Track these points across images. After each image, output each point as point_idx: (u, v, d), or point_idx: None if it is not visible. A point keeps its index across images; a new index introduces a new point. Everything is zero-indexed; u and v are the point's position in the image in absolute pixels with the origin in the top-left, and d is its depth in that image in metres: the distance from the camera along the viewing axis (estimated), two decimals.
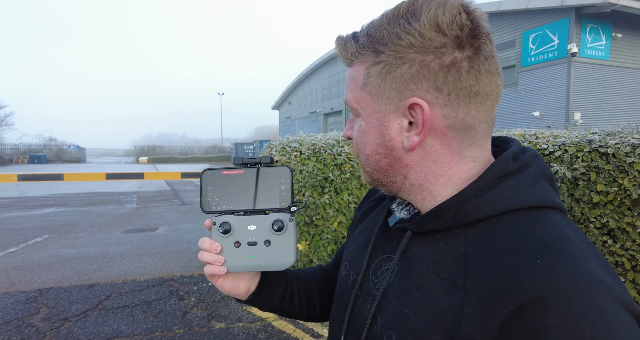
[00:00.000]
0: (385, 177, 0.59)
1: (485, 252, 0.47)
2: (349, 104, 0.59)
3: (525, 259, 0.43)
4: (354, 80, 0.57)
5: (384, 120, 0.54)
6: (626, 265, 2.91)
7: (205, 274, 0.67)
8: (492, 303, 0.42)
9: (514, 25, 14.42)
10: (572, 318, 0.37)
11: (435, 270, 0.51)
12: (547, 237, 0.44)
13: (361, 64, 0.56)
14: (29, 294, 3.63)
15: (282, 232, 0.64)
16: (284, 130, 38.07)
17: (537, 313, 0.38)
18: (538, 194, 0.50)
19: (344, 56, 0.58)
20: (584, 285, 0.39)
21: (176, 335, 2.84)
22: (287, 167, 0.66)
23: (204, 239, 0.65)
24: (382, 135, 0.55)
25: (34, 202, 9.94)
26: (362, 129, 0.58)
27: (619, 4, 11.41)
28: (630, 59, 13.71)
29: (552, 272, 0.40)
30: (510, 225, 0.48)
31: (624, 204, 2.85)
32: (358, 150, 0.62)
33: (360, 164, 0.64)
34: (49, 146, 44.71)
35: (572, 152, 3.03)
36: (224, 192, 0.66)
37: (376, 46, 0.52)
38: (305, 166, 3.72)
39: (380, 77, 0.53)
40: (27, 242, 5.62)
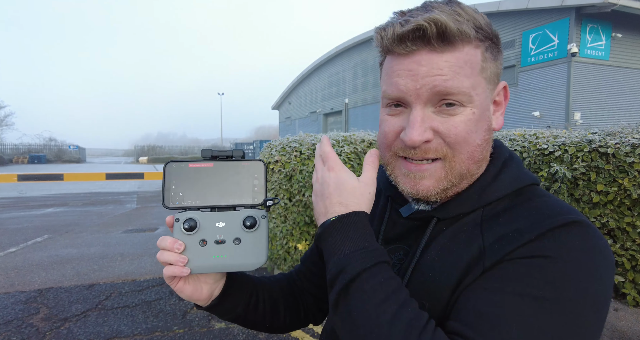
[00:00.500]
0: (478, 167, 0.59)
1: (499, 214, 0.56)
2: (462, 91, 0.52)
3: (535, 210, 0.53)
4: (470, 64, 0.52)
5: (489, 105, 0.57)
6: (626, 265, 2.91)
7: (165, 276, 0.60)
8: (512, 236, 0.51)
9: (514, 25, 14.42)
10: (591, 232, 0.50)
11: (453, 241, 0.57)
12: (553, 204, 0.54)
13: (476, 48, 0.53)
14: (29, 294, 3.63)
15: (253, 230, 0.60)
16: (284, 130, 38.07)
17: (553, 231, 0.49)
18: (529, 175, 0.61)
19: (456, 35, 0.51)
20: (583, 215, 0.53)
21: (176, 335, 2.84)
22: (261, 161, 0.63)
23: (165, 238, 0.59)
24: (488, 119, 0.57)
25: (34, 202, 9.94)
26: (473, 118, 0.54)
27: (619, 4, 11.41)
28: (630, 59, 13.70)
29: (569, 209, 0.52)
30: (520, 199, 0.57)
31: (624, 204, 2.85)
32: (460, 144, 0.54)
33: (449, 161, 0.55)
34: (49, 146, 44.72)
35: (572, 152, 3.03)
36: (189, 186, 0.61)
37: (482, 33, 0.54)
38: (305, 166, 3.71)
39: (493, 61, 0.56)
40: (27, 242, 5.62)
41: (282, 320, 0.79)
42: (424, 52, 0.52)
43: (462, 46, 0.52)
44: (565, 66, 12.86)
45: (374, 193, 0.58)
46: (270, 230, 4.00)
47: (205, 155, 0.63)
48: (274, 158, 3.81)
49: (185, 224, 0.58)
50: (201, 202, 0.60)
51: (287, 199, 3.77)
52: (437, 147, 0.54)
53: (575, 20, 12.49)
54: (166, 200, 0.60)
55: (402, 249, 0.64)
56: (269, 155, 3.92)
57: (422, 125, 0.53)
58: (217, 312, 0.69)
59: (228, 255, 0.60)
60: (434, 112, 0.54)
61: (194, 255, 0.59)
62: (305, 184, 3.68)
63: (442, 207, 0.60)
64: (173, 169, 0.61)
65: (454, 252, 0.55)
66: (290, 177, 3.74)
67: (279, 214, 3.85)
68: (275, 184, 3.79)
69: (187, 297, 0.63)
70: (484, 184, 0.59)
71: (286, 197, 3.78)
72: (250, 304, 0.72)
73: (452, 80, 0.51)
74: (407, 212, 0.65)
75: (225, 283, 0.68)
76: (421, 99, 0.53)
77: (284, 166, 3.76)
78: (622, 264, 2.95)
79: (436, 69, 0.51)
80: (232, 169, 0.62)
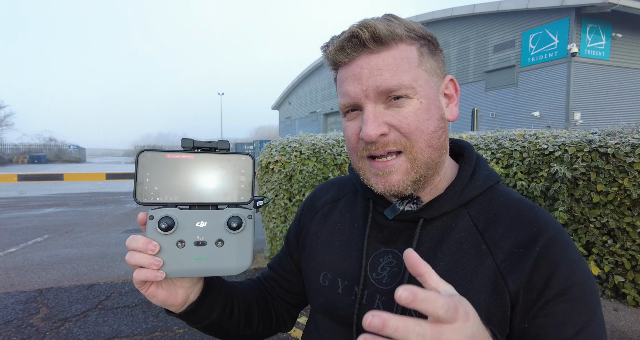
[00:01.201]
0: (440, 155, 0.61)
1: (491, 219, 0.60)
2: (404, 85, 0.55)
3: (526, 215, 0.59)
4: (407, 60, 0.56)
5: (436, 95, 0.60)
6: (626, 265, 2.90)
7: (135, 281, 0.54)
8: (521, 253, 0.56)
9: (514, 25, 14.41)
10: (569, 245, 0.57)
11: (455, 245, 0.59)
12: (521, 199, 0.63)
13: (409, 45, 0.57)
14: (29, 294, 3.63)
15: (239, 231, 0.55)
16: (284, 130, 38.06)
17: (552, 246, 0.55)
18: (495, 173, 0.67)
19: (387, 35, 0.55)
20: (557, 221, 0.60)
21: (176, 335, 2.84)
22: (249, 155, 0.57)
23: (136, 237, 0.53)
24: (439, 109, 0.60)
25: (34, 202, 9.93)
26: (422, 107, 0.57)
27: (619, 4, 11.40)
28: (630, 59, 13.70)
29: (546, 219, 0.59)
30: (495, 196, 0.64)
31: (624, 204, 2.85)
32: (414, 133, 0.57)
33: (410, 152, 0.57)
34: (48, 146, 44.69)
35: (572, 152, 3.03)
36: (166, 179, 0.54)
37: (415, 33, 0.59)
38: (305, 166, 3.71)
39: (431, 56, 0.60)
40: (27, 242, 5.62)
41: (255, 329, 0.76)
42: (364, 56, 0.56)
43: (395, 45, 0.56)
44: (565, 66, 12.86)
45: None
46: (270, 230, 3.99)
47: (186, 146, 0.56)
48: (274, 158, 3.81)
49: (161, 223, 0.52)
50: (179, 198, 0.54)
51: (287, 199, 3.77)
52: (394, 139, 0.57)
53: (575, 20, 12.49)
54: (139, 194, 0.53)
55: (391, 253, 0.63)
56: (269, 155, 3.92)
57: (376, 121, 0.56)
58: (190, 319, 0.64)
59: (209, 259, 0.54)
60: (385, 108, 0.57)
61: (170, 257, 0.53)
62: (305, 184, 3.68)
63: (428, 207, 0.62)
64: (147, 160, 0.54)
65: (466, 267, 0.58)
66: (290, 177, 3.74)
67: (279, 214, 3.85)
68: (275, 184, 3.79)
69: (160, 302, 0.58)
70: (463, 183, 0.63)
71: (286, 197, 3.77)
72: (225, 310, 0.68)
73: (392, 78, 0.55)
74: (392, 213, 0.64)
75: (202, 287, 0.64)
76: (370, 99, 0.57)
77: (284, 166, 3.76)
78: (622, 264, 2.95)
79: (376, 69, 0.55)
80: (215, 163, 0.56)
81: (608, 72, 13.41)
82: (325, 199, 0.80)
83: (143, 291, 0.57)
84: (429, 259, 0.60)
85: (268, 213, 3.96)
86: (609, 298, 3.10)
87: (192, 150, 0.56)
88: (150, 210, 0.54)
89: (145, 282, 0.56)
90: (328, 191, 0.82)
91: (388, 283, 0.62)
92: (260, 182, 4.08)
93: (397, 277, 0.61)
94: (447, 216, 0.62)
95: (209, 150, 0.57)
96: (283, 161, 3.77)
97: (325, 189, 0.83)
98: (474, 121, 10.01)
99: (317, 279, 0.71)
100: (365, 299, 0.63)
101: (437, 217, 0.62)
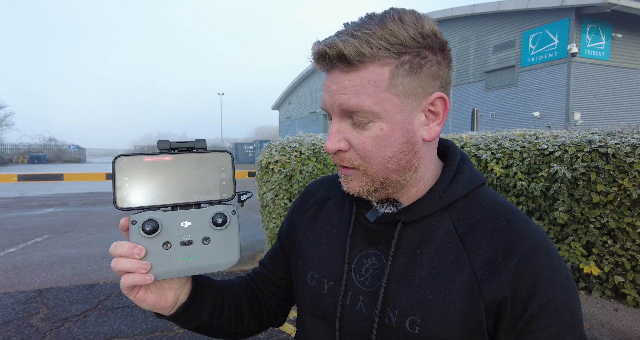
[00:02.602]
0: (399, 176, 0.60)
1: (472, 224, 0.60)
2: (364, 109, 0.54)
3: (506, 222, 0.58)
4: (373, 83, 0.53)
5: (408, 118, 0.57)
6: (626, 265, 2.90)
7: (123, 286, 0.54)
8: (497, 261, 0.55)
9: (514, 25, 14.41)
10: (550, 253, 0.56)
11: (435, 250, 0.59)
12: (503, 203, 0.62)
13: (381, 66, 0.53)
14: (29, 294, 3.63)
15: (224, 227, 0.55)
16: (284, 130, 38.06)
17: (532, 256, 0.54)
18: (480, 175, 0.66)
19: (354, 57, 0.52)
20: (538, 227, 0.59)
21: (176, 335, 2.84)
22: (227, 152, 0.57)
23: (120, 243, 0.52)
24: (407, 132, 0.57)
25: (34, 202, 9.93)
26: (381, 134, 0.56)
27: (619, 4, 11.40)
28: (630, 59, 13.70)
29: (526, 227, 0.58)
30: (478, 199, 0.63)
31: (624, 204, 2.85)
32: (369, 157, 0.57)
33: (364, 171, 0.59)
34: (48, 146, 44.68)
35: (572, 152, 3.03)
36: (146, 183, 0.54)
37: (399, 48, 0.53)
38: (305, 166, 3.72)
39: (409, 77, 0.55)
40: (27, 242, 5.62)
41: (246, 325, 0.76)
42: (337, 71, 0.55)
43: (364, 66, 0.53)
44: (565, 66, 12.86)
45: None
46: (270, 230, 3.99)
47: (163, 148, 0.56)
48: (274, 158, 3.81)
49: (145, 226, 0.52)
50: (161, 200, 0.54)
51: (287, 199, 3.77)
52: (350, 158, 0.58)
53: (575, 20, 12.49)
54: (119, 200, 0.52)
55: (375, 254, 0.64)
56: (269, 155, 3.92)
57: (337, 136, 0.57)
58: (181, 320, 0.64)
59: (197, 257, 0.55)
60: (350, 125, 0.57)
61: (157, 260, 0.53)
62: (305, 184, 3.68)
63: (407, 210, 0.62)
64: (124, 164, 0.53)
65: (444, 273, 0.57)
66: (290, 177, 3.74)
67: (278, 214, 3.85)
68: (275, 184, 3.79)
69: (150, 306, 0.58)
70: (443, 186, 0.62)
71: (286, 197, 3.77)
72: (216, 309, 0.69)
73: (353, 99, 0.54)
74: (373, 216, 0.65)
75: (191, 287, 0.64)
76: (335, 113, 0.58)
77: (284, 166, 3.76)
78: (622, 264, 2.95)
79: (341, 88, 0.55)
80: (194, 162, 0.56)
81: (608, 72, 13.41)
82: (314, 199, 0.80)
83: (132, 297, 0.56)
84: (409, 262, 0.60)
85: (268, 213, 3.96)
86: (609, 298, 3.10)
87: (169, 151, 0.56)
88: (132, 215, 0.53)
89: (133, 287, 0.55)
90: (318, 190, 0.82)
91: (370, 285, 0.62)
92: (260, 182, 4.08)
93: (378, 280, 0.62)
94: (427, 219, 0.62)
95: (187, 150, 0.57)
96: (283, 161, 3.77)
97: (316, 188, 0.84)
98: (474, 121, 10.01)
99: (304, 278, 0.72)
100: (349, 300, 0.64)
101: (417, 220, 0.62)
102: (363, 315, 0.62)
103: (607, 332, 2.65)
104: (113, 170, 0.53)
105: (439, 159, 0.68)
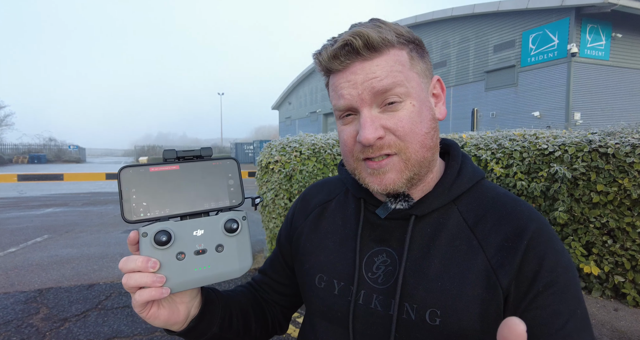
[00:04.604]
0: (432, 154, 0.62)
1: (480, 214, 0.62)
2: (398, 85, 0.57)
3: (512, 209, 0.61)
4: (400, 62, 0.59)
5: (427, 96, 0.62)
6: (626, 265, 2.90)
7: (136, 304, 0.52)
8: (510, 247, 0.57)
9: (514, 25, 14.41)
10: (554, 236, 0.59)
11: (447, 242, 0.61)
12: (505, 193, 0.65)
13: (400, 49, 0.59)
14: (28, 294, 3.62)
15: (236, 233, 0.55)
16: (284, 130, 38.05)
17: (538, 238, 0.57)
18: (480, 170, 0.69)
19: (380, 42, 0.57)
20: (538, 213, 0.62)
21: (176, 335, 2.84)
22: (233, 159, 0.58)
23: (131, 257, 0.50)
24: (431, 110, 0.62)
25: (34, 202, 9.93)
26: (414, 110, 0.59)
27: (619, 4, 11.40)
28: (630, 59, 13.70)
29: (530, 212, 0.61)
30: (481, 191, 0.66)
31: (624, 204, 2.85)
32: (409, 136, 0.58)
33: (404, 153, 0.59)
34: (48, 146, 44.67)
35: (572, 152, 3.03)
36: (154, 193, 0.52)
37: (406, 37, 0.61)
38: (305, 166, 3.71)
39: (420, 59, 0.62)
40: (27, 242, 5.62)
41: (253, 334, 0.76)
42: (357, 63, 0.58)
43: (387, 50, 0.58)
44: (565, 66, 12.86)
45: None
46: (270, 230, 3.99)
47: (169, 157, 0.55)
48: (274, 158, 3.81)
49: (159, 237, 0.50)
50: (170, 210, 0.53)
51: (287, 199, 3.77)
52: (390, 142, 0.58)
53: (575, 20, 12.48)
54: (126, 213, 0.51)
55: (385, 251, 0.64)
56: (269, 155, 3.92)
57: (373, 124, 0.58)
58: (192, 334, 0.62)
59: (212, 265, 0.53)
60: (380, 112, 0.59)
61: (172, 271, 0.51)
62: (305, 184, 3.68)
63: (418, 204, 0.63)
64: (131, 176, 0.52)
65: (459, 263, 0.59)
66: (290, 177, 3.74)
67: (278, 214, 3.85)
68: (275, 184, 3.79)
69: (163, 323, 0.56)
70: (450, 180, 0.65)
71: (286, 197, 3.77)
72: (225, 320, 0.68)
73: (386, 78, 0.57)
74: (384, 212, 0.65)
75: (201, 300, 0.63)
76: (365, 103, 0.58)
77: (284, 166, 3.76)
78: (622, 264, 2.95)
79: (370, 73, 0.57)
80: (202, 170, 0.55)
81: (608, 72, 13.41)
82: (316, 201, 0.80)
83: (144, 315, 0.54)
84: (423, 256, 0.60)
85: (268, 213, 3.96)
86: (609, 298, 3.10)
87: (175, 160, 0.55)
88: (141, 228, 0.51)
89: (147, 303, 0.53)
90: (319, 193, 0.82)
91: (384, 282, 0.62)
92: (260, 182, 4.08)
93: (392, 276, 0.62)
94: (437, 213, 0.64)
95: (192, 159, 0.56)
96: (283, 161, 3.77)
97: (316, 190, 0.83)
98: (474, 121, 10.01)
99: (312, 281, 0.71)
100: (362, 299, 0.64)
101: (428, 214, 0.64)
102: (378, 313, 0.61)
103: (607, 332, 2.65)
104: (119, 182, 0.51)
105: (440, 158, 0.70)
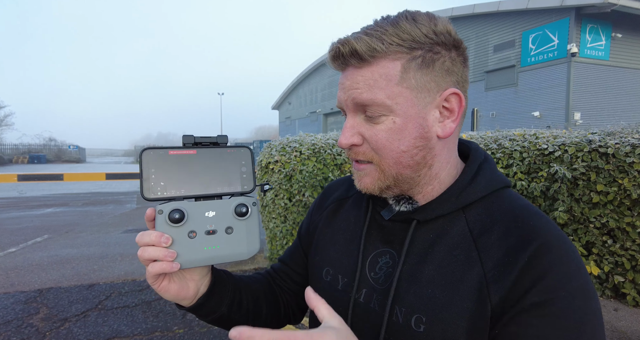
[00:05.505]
0: (413, 172, 0.60)
1: (487, 225, 0.58)
2: (376, 103, 0.56)
3: (523, 222, 0.56)
4: (385, 77, 0.55)
5: (422, 113, 0.57)
6: (626, 265, 2.90)
7: (149, 276, 0.56)
8: (508, 262, 0.53)
9: (514, 25, 14.41)
10: (565, 257, 0.52)
11: (446, 250, 0.58)
12: (525, 206, 0.59)
13: (392, 61, 0.55)
14: (28, 294, 3.62)
15: (246, 217, 0.58)
16: (284, 130, 38.06)
17: (544, 256, 0.52)
18: (503, 177, 0.64)
19: (365, 52, 0.54)
20: (562, 233, 0.55)
21: (176, 335, 2.84)
22: (247, 147, 0.61)
23: (147, 232, 0.54)
24: (420, 127, 0.57)
25: (34, 202, 9.93)
26: (395, 126, 0.57)
27: (619, 4, 11.41)
28: (630, 59, 13.70)
29: (543, 226, 0.55)
30: (497, 202, 0.61)
31: (623, 204, 2.85)
32: (382, 150, 0.58)
33: (377, 165, 0.59)
34: (48, 146, 44.66)
35: (572, 152, 3.03)
36: (171, 175, 0.56)
37: (411, 43, 0.55)
38: (305, 166, 3.71)
39: (421, 71, 0.56)
40: (27, 242, 5.62)
41: (264, 320, 0.77)
42: (350, 68, 0.58)
43: (375, 61, 0.55)
44: (565, 66, 12.86)
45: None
46: (270, 230, 3.99)
47: (187, 142, 0.59)
48: (274, 158, 3.81)
49: (173, 215, 0.54)
50: (186, 191, 0.57)
51: (287, 199, 3.77)
52: (364, 151, 0.60)
53: (575, 20, 12.49)
54: (145, 191, 0.55)
55: (389, 253, 0.64)
56: (269, 155, 3.92)
57: (350, 131, 0.59)
58: (201, 312, 0.66)
59: (221, 246, 0.57)
60: (364, 119, 0.59)
61: (183, 248, 0.55)
62: (305, 184, 3.68)
63: (422, 209, 0.62)
64: (151, 157, 0.56)
65: (454, 272, 0.56)
66: (290, 177, 3.74)
67: (279, 214, 3.85)
68: (275, 184, 3.79)
69: (173, 297, 0.60)
70: (461, 187, 0.61)
71: (286, 197, 3.77)
72: (234, 301, 0.70)
73: (365, 93, 0.56)
74: (388, 214, 0.65)
75: (210, 280, 0.65)
76: (349, 109, 0.59)
77: (284, 166, 3.76)
78: (622, 264, 2.95)
79: (354, 83, 0.57)
80: (217, 156, 0.59)
81: (608, 72, 13.41)
82: (334, 196, 0.82)
83: (156, 286, 0.58)
84: (419, 261, 0.60)
85: (268, 213, 3.96)
86: (609, 298, 3.10)
87: (193, 145, 0.59)
88: (157, 205, 0.55)
89: (159, 276, 0.57)
90: (338, 188, 0.84)
91: (383, 282, 0.63)
92: (260, 182, 4.08)
93: (391, 278, 0.62)
94: (443, 219, 0.61)
95: (209, 145, 0.60)
96: (283, 161, 3.77)
97: (336, 186, 0.85)
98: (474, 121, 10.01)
99: (320, 273, 0.73)
100: (363, 297, 0.64)
101: (432, 220, 0.61)
102: (375, 313, 0.62)
103: (607, 332, 2.65)
104: (140, 162, 0.55)
105: (462, 160, 0.67)
